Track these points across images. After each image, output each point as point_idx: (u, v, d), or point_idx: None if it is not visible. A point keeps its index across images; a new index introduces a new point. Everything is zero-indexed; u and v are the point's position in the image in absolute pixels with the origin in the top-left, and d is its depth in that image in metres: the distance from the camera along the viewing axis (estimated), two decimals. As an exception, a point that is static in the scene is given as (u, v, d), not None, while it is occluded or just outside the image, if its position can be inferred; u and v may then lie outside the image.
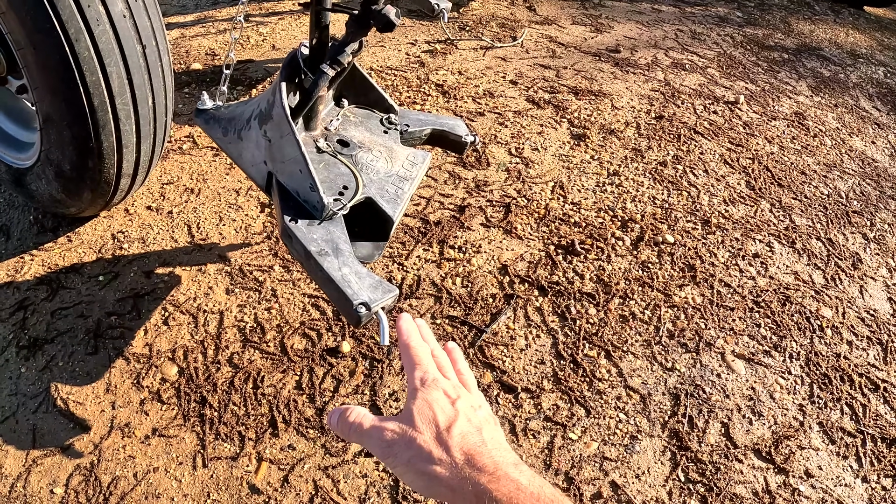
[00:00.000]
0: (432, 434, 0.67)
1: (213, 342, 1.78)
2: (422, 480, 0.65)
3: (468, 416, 0.69)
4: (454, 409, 0.69)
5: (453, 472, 0.63)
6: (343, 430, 0.73)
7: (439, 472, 0.64)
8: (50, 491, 1.47)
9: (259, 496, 1.49)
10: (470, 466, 0.63)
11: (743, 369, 1.86)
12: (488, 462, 0.63)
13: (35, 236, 2.04)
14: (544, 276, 2.03)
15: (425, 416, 0.68)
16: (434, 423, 0.67)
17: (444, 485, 0.63)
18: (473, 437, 0.66)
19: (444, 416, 0.68)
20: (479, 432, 0.68)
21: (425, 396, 0.70)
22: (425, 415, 0.68)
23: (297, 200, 1.42)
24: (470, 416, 0.69)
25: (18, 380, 1.67)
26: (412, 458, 0.66)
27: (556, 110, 2.77)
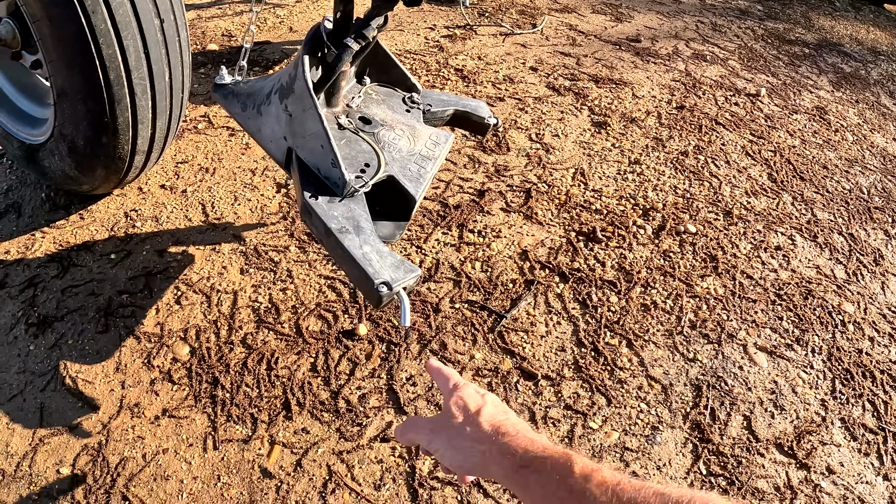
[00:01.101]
0: (466, 417, 0.79)
1: (226, 322, 1.73)
2: (460, 454, 0.77)
3: (494, 404, 0.81)
4: (483, 399, 0.82)
5: (484, 438, 0.75)
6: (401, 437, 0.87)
7: (473, 442, 0.76)
8: (56, 471, 1.43)
9: (271, 480, 1.44)
10: (496, 433, 0.74)
11: (765, 362, 1.80)
12: (510, 429, 0.75)
13: (47, 214, 1.99)
14: (565, 263, 1.97)
15: (459, 407, 0.81)
16: (466, 409, 0.80)
17: (476, 451, 0.75)
18: (500, 416, 0.78)
19: (475, 404, 0.80)
20: (504, 413, 0.80)
21: (458, 394, 0.83)
22: (459, 405, 0.81)
23: (317, 177, 1.37)
24: (496, 404, 0.82)
25: (27, 357, 1.63)
26: (451, 437, 0.78)
27: (577, 97, 2.71)
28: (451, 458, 0.77)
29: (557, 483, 0.65)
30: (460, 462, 0.77)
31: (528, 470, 0.68)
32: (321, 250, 1.93)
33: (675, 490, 0.57)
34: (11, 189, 2.07)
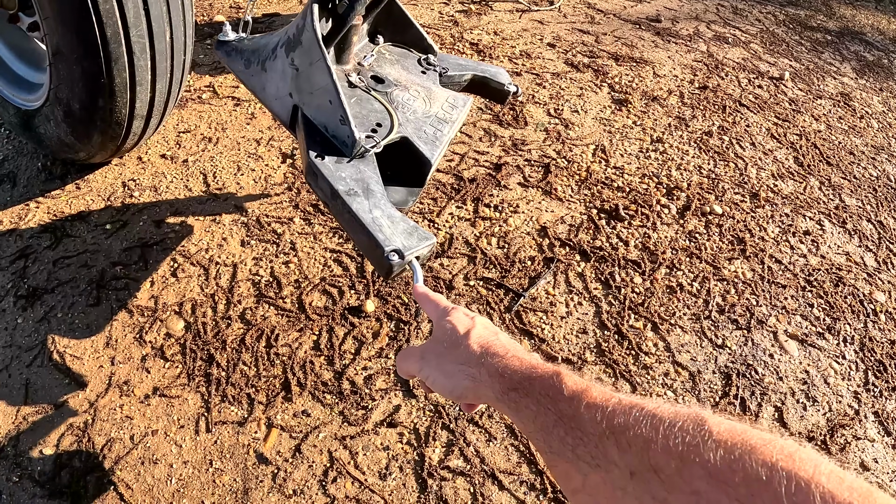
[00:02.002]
0: (455, 339, 0.74)
1: (224, 296, 1.60)
2: (450, 378, 0.72)
3: (484, 325, 0.76)
4: (472, 321, 0.76)
5: (473, 360, 0.70)
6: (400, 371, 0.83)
7: (462, 364, 0.71)
8: (39, 451, 1.31)
9: (267, 467, 1.31)
10: (485, 354, 0.70)
11: (796, 351, 1.67)
12: (500, 349, 0.70)
13: (42, 183, 1.87)
14: (586, 241, 1.83)
15: (447, 330, 0.76)
16: (455, 332, 0.75)
17: (466, 374, 0.70)
18: (490, 336, 0.73)
19: (463, 326, 0.75)
20: (494, 334, 0.74)
21: (447, 318, 0.78)
22: (447, 329, 0.76)
23: (324, 136, 1.24)
24: (486, 325, 0.76)
25: (14, 331, 1.51)
26: (440, 360, 0.74)
27: (597, 74, 2.56)
28: (442, 383, 0.73)
29: (547, 407, 0.59)
30: (451, 387, 0.72)
31: (517, 393, 0.64)
32: (327, 222, 1.79)
33: (667, 409, 0.50)
34: (7, 159, 1.96)
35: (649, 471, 0.47)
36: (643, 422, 0.50)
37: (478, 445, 1.38)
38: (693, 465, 0.44)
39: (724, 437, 0.44)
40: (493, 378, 0.67)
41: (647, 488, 0.47)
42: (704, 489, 0.43)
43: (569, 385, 0.59)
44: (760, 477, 0.40)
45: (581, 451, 0.54)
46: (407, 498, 1.29)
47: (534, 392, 0.62)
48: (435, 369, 0.74)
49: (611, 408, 0.53)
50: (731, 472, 0.42)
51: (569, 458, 0.55)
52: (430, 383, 0.75)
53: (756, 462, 0.41)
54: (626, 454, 0.49)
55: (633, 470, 0.48)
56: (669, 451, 0.46)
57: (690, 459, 0.45)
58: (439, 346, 0.76)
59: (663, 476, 0.46)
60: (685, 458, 0.45)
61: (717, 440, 0.44)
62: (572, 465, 0.54)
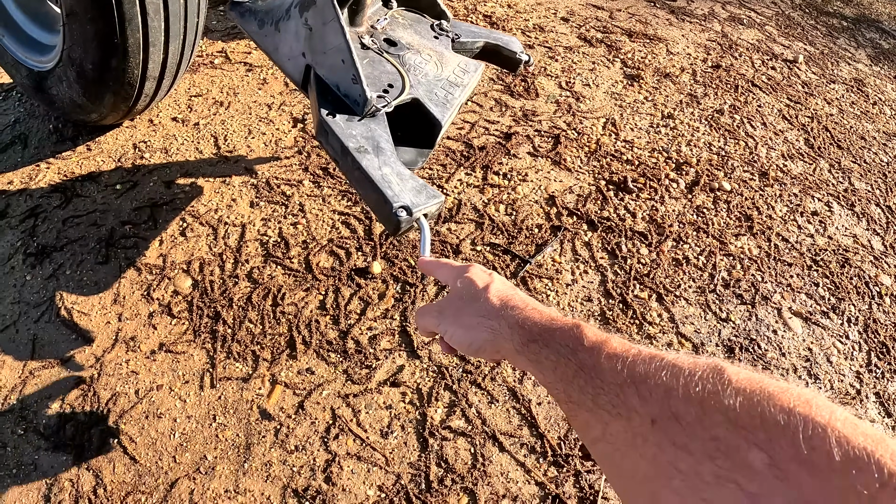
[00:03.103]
0: (473, 293, 0.73)
1: (232, 255, 1.59)
2: (469, 331, 0.70)
3: (503, 281, 0.75)
4: (490, 276, 0.76)
5: (492, 312, 0.69)
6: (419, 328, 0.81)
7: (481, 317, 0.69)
8: (45, 405, 1.31)
9: (270, 423, 1.31)
10: (505, 307, 0.68)
11: (800, 328, 1.65)
12: (519, 302, 0.68)
13: (53, 145, 1.86)
14: (594, 211, 1.81)
15: (466, 285, 0.75)
16: (473, 285, 0.74)
17: (486, 326, 0.68)
18: (508, 291, 0.72)
19: (482, 281, 0.74)
20: (512, 288, 0.73)
21: (465, 274, 0.77)
22: (466, 284, 0.75)
23: (336, 95, 1.23)
24: (504, 282, 0.75)
25: (22, 288, 1.50)
26: (459, 315, 0.72)
27: (609, 49, 2.53)
28: (461, 336, 0.71)
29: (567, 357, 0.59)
30: (470, 340, 0.70)
31: (537, 344, 0.62)
32: (336, 186, 1.78)
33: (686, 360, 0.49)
34: (19, 121, 1.95)
35: (670, 418, 0.47)
36: (663, 371, 0.50)
37: (480, 407, 1.37)
38: (713, 412, 0.44)
39: (743, 385, 0.44)
40: (512, 330, 0.66)
41: (667, 435, 0.46)
42: (724, 435, 0.43)
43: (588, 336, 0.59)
44: (778, 422, 0.40)
45: (602, 400, 0.53)
46: (408, 456, 1.29)
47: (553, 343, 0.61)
48: (453, 323, 0.73)
49: (631, 358, 0.53)
50: (749, 418, 0.42)
51: (589, 407, 0.54)
52: (448, 338, 0.74)
53: (774, 408, 0.41)
54: (646, 402, 0.49)
55: (654, 417, 0.48)
56: (690, 399, 0.46)
57: (710, 406, 0.45)
58: (457, 300, 0.75)
59: (683, 423, 0.46)
60: (705, 405, 0.45)
61: (736, 388, 0.44)
62: (592, 414, 0.54)
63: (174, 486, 1.23)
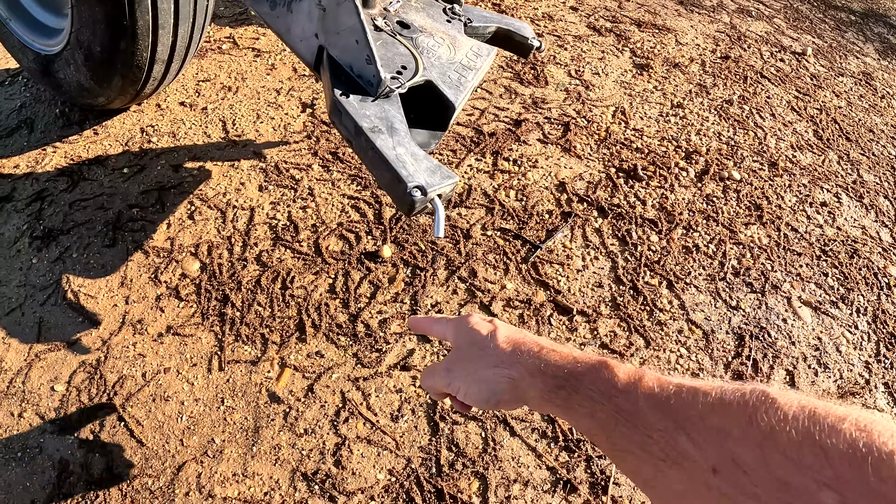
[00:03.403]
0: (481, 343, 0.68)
1: (240, 239, 1.58)
2: (485, 385, 0.65)
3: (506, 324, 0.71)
4: (492, 323, 0.71)
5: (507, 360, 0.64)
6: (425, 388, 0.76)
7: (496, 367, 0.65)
8: (50, 388, 1.30)
9: (279, 406, 1.30)
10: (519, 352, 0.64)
11: (809, 317, 1.64)
12: (533, 345, 0.64)
13: (60, 129, 1.85)
14: (604, 198, 1.80)
15: (470, 336, 0.70)
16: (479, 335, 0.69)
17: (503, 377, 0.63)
18: (517, 333, 0.68)
19: (486, 328, 0.69)
20: (519, 331, 0.69)
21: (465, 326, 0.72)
22: (470, 335, 0.70)
23: (349, 76, 1.21)
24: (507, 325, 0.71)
25: (29, 271, 1.49)
26: (469, 369, 0.67)
27: (619, 39, 2.51)
28: (478, 392, 0.66)
29: (602, 403, 0.55)
30: (487, 394, 0.65)
31: (566, 391, 0.58)
32: (346, 170, 1.77)
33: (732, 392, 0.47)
34: (25, 106, 1.94)
35: (732, 465, 0.45)
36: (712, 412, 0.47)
37: (490, 391, 1.36)
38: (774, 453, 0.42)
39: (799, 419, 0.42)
40: (534, 377, 0.61)
41: (733, 484, 0.45)
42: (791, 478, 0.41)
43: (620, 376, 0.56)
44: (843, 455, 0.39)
45: (652, 448, 0.51)
46: (418, 440, 1.28)
47: (583, 388, 0.57)
48: (465, 379, 0.67)
49: (673, 398, 0.51)
50: (813, 457, 0.40)
51: (637, 454, 0.52)
52: (462, 396, 0.68)
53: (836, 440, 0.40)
54: (701, 448, 0.47)
55: (715, 465, 0.46)
56: (747, 441, 0.44)
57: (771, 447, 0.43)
58: (465, 353, 0.70)
59: (747, 468, 0.44)
60: (765, 446, 0.43)
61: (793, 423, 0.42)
62: (643, 462, 0.52)
63: (181, 469, 1.22)
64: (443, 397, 0.77)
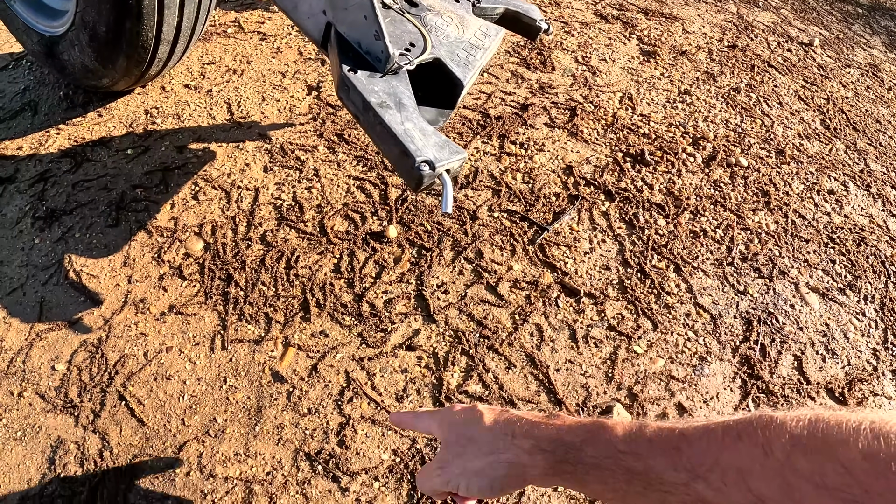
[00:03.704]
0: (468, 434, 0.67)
1: (245, 218, 1.56)
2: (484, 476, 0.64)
3: (487, 407, 0.71)
4: (472, 407, 0.71)
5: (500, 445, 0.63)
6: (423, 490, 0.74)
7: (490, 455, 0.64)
8: (51, 367, 1.29)
9: (282, 385, 1.29)
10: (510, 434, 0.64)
11: (817, 303, 1.62)
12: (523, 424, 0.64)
13: (64, 111, 1.84)
14: (611, 182, 1.78)
15: (455, 430, 0.69)
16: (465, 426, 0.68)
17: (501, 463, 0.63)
18: (501, 414, 0.67)
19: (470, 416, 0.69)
20: (503, 410, 0.69)
21: (447, 418, 0.72)
22: (454, 428, 0.70)
23: (357, 52, 1.21)
24: (489, 407, 0.71)
25: (31, 251, 1.48)
26: (464, 463, 0.66)
27: (626, 26, 2.49)
28: (478, 483, 0.65)
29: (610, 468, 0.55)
30: (489, 483, 0.64)
31: (569, 464, 0.58)
32: (352, 151, 1.75)
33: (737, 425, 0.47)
34: (29, 88, 1.93)
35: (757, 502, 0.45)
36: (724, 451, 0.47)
37: (497, 372, 1.35)
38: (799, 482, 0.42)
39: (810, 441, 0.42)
40: (533, 455, 0.61)
41: None
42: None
43: (621, 436, 0.55)
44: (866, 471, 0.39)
45: (672, 501, 0.50)
46: (423, 420, 1.26)
47: (587, 457, 0.57)
48: (463, 474, 0.66)
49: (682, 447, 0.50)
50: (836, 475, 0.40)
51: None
52: (464, 491, 0.67)
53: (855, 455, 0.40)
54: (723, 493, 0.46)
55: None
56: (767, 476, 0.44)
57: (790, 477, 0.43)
58: (456, 448, 0.69)
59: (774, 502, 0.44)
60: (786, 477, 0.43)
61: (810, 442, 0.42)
62: None
63: (182, 448, 1.20)
64: (444, 496, 0.74)
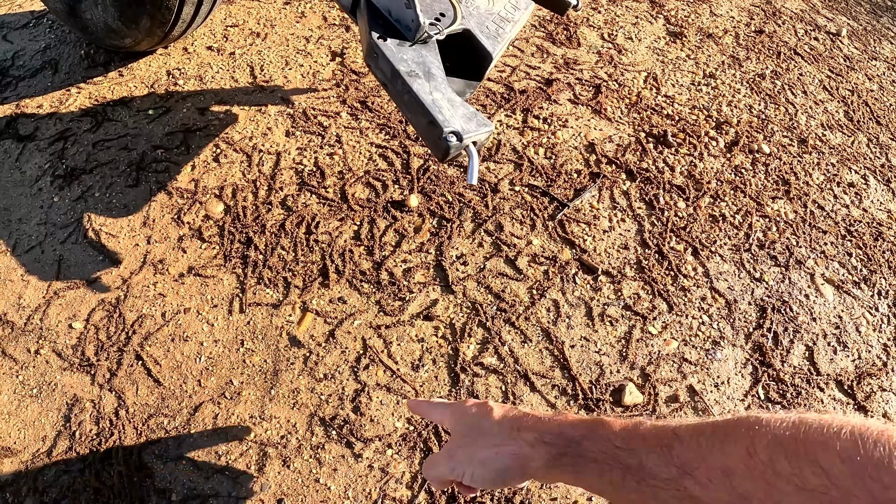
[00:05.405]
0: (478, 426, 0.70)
1: (266, 182, 1.56)
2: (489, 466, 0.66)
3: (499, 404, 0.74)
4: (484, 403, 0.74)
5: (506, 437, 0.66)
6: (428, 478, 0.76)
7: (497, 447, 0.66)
8: (68, 325, 1.29)
9: (299, 350, 1.29)
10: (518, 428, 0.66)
11: (831, 295, 1.62)
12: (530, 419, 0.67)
13: (84, 70, 1.83)
14: (633, 161, 1.77)
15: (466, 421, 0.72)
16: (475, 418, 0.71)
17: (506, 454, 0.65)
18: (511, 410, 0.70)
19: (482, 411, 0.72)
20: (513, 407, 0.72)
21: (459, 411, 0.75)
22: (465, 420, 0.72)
23: (387, 20, 1.19)
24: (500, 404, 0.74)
25: (49, 209, 1.48)
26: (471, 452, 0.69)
27: (653, 5, 2.46)
28: (483, 473, 0.67)
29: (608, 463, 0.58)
30: (493, 473, 0.66)
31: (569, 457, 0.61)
32: (374, 119, 1.74)
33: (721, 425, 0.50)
34: (49, 47, 1.91)
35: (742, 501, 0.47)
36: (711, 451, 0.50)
37: (513, 346, 1.35)
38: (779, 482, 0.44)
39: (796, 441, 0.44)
40: (535, 448, 0.64)
41: None
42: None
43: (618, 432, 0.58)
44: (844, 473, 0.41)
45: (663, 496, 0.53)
46: (438, 390, 1.27)
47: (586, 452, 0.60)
48: (469, 463, 0.69)
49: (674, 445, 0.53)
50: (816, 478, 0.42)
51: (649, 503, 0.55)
52: (468, 480, 0.69)
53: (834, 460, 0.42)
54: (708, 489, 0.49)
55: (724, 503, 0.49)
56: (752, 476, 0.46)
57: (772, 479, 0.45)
58: (464, 438, 0.72)
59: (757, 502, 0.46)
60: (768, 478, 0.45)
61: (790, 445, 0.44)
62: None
63: (198, 409, 1.21)
64: (447, 485, 0.78)
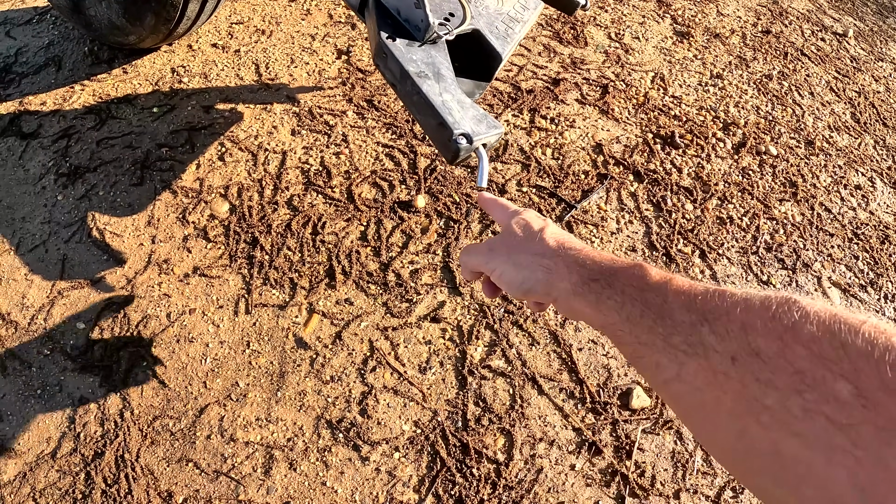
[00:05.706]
0: (529, 233, 0.70)
1: (271, 182, 1.55)
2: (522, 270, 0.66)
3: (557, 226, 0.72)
4: (545, 220, 0.73)
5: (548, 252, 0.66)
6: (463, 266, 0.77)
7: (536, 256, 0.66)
8: (73, 325, 1.28)
9: (305, 351, 1.28)
10: (561, 248, 0.66)
11: (838, 298, 1.61)
12: (576, 244, 0.66)
13: (88, 67, 1.81)
14: (640, 163, 1.76)
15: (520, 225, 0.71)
16: (529, 227, 0.70)
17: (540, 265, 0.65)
18: (564, 234, 0.69)
19: (537, 223, 0.71)
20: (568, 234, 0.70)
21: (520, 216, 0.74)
22: (520, 224, 0.72)
23: (396, 20, 1.18)
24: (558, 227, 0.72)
25: (53, 208, 1.47)
26: (512, 253, 0.69)
27: (659, 5, 2.45)
28: (513, 275, 0.67)
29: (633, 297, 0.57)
30: (521, 280, 0.66)
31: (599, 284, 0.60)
32: (381, 118, 1.73)
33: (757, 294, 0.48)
34: (53, 43, 1.90)
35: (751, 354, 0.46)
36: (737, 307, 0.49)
37: (520, 348, 1.34)
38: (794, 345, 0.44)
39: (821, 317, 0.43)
40: (570, 269, 0.63)
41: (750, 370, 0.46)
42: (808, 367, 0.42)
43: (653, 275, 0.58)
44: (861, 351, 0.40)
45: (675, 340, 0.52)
46: (445, 393, 1.26)
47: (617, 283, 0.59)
48: (505, 262, 0.69)
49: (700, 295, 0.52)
50: (832, 349, 0.41)
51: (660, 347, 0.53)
52: (496, 277, 0.70)
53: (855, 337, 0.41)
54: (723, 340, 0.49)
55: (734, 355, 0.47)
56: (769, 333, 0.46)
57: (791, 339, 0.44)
58: (510, 239, 0.71)
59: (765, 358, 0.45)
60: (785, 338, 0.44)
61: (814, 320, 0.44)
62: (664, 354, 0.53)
63: (203, 411, 1.21)
64: (476, 277, 0.78)
